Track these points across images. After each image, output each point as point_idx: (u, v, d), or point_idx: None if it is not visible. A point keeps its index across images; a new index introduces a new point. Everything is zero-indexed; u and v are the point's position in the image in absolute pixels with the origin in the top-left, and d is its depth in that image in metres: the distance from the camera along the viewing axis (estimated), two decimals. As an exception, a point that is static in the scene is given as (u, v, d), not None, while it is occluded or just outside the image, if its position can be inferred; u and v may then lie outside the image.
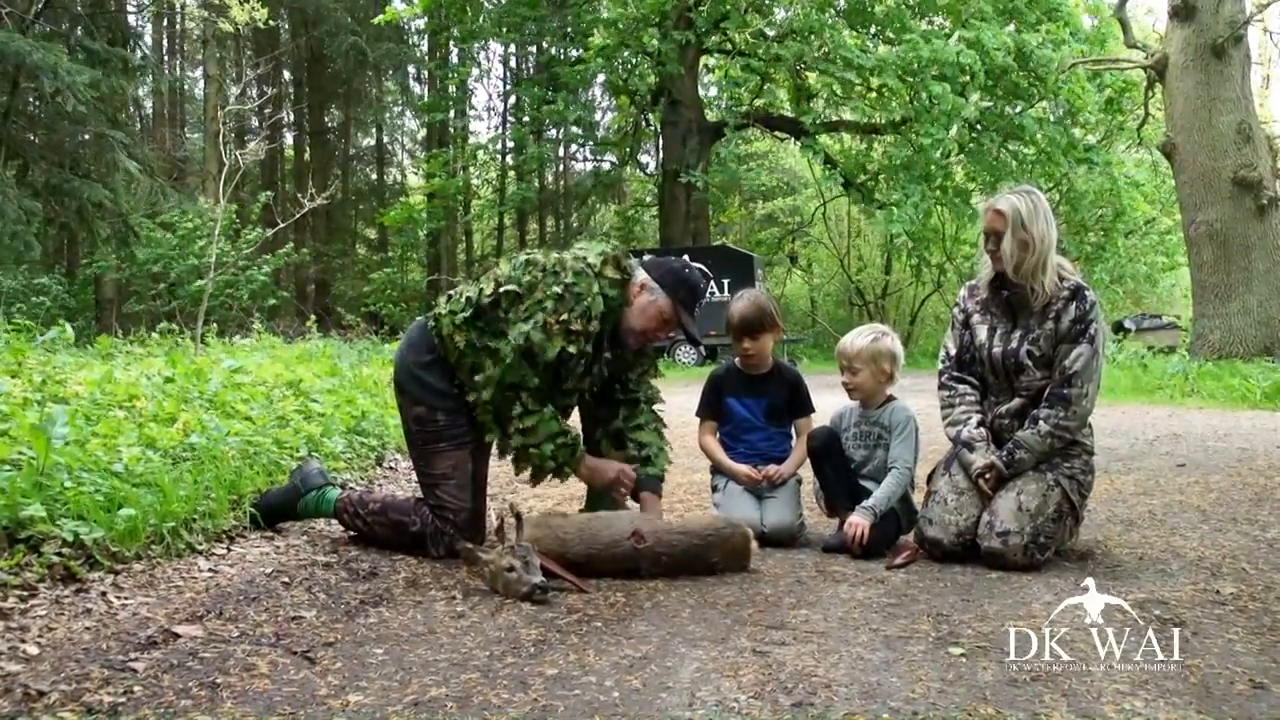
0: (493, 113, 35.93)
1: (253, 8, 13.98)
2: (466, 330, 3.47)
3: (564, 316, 3.35)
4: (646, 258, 3.68)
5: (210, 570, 3.26)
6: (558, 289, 3.37)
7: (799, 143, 23.62)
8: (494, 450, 3.64)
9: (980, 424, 3.61)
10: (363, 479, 5.25)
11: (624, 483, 3.59)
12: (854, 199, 24.84)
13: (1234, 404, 10.35)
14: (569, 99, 23.84)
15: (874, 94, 21.94)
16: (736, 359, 4.11)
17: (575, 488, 4.39)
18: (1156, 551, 3.67)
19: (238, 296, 17.75)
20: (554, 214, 35.06)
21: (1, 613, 2.59)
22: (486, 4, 25.24)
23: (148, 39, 26.58)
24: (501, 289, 3.45)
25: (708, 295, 18.65)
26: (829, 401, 4.25)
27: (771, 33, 21.75)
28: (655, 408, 3.85)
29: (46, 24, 16.07)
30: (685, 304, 3.58)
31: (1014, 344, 3.55)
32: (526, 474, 3.61)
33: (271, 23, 17.95)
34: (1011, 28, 20.31)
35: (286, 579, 3.18)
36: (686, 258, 3.78)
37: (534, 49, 29.27)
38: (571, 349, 3.38)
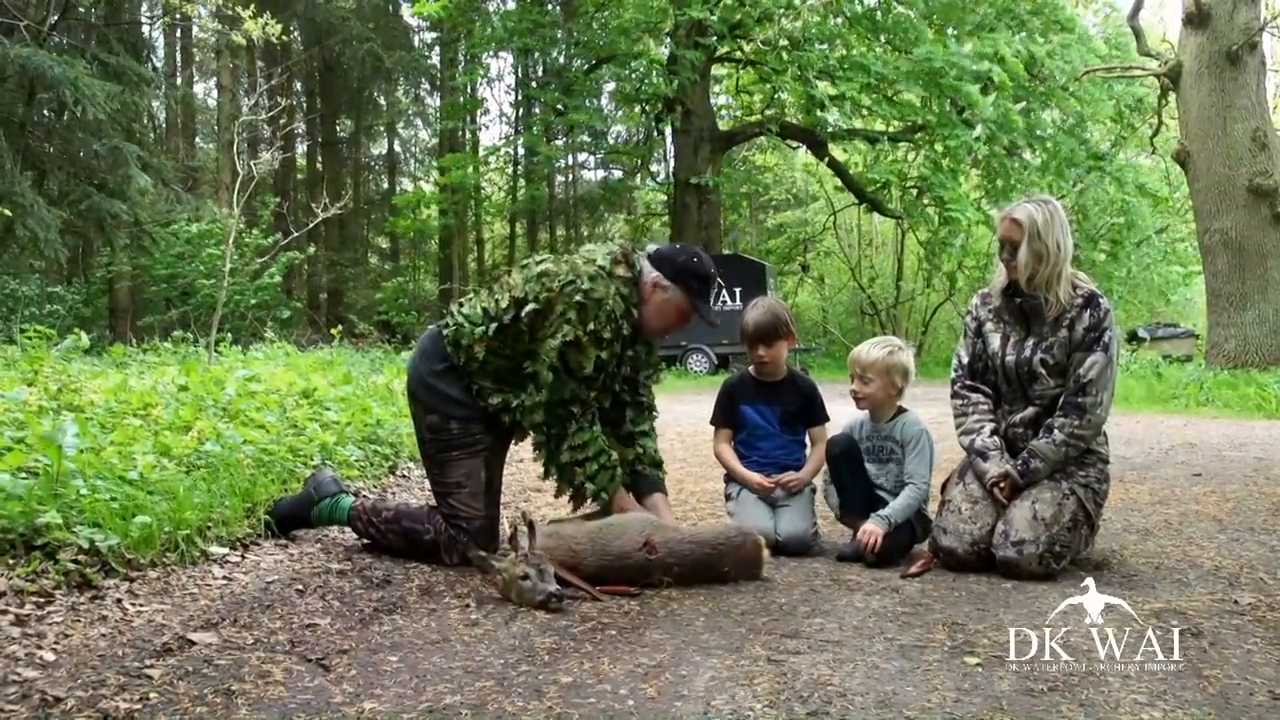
0: (503, 120, 36.11)
1: (265, 22, 14.02)
2: (488, 342, 3.49)
3: (591, 326, 3.38)
4: (651, 248, 3.70)
5: (225, 578, 3.26)
6: (578, 299, 3.38)
7: (809, 151, 23.60)
8: (509, 458, 3.64)
9: (994, 433, 3.59)
10: (376, 487, 5.26)
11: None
12: (877, 206, 24.76)
13: (1249, 413, 10.29)
14: (583, 106, 23.89)
15: (886, 102, 21.89)
16: (751, 367, 4.11)
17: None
18: (1173, 561, 3.65)
19: (247, 304, 17.83)
20: (565, 223, 35.12)
21: (18, 619, 2.60)
22: (493, 15, 25.30)
23: (160, 50, 26.75)
24: (523, 310, 3.46)
25: (721, 305, 18.73)
26: (841, 410, 4.24)
27: (784, 41, 21.75)
28: (654, 414, 3.90)
29: (62, 36, 16.17)
30: (700, 294, 3.61)
31: (1027, 352, 3.53)
32: (567, 495, 3.63)
33: (285, 37, 18.04)
34: (1020, 35, 20.29)
35: (301, 587, 3.18)
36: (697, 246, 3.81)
37: (544, 57, 29.32)
38: (604, 355, 3.42)
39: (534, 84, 29.35)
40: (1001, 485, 3.49)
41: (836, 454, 3.81)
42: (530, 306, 3.45)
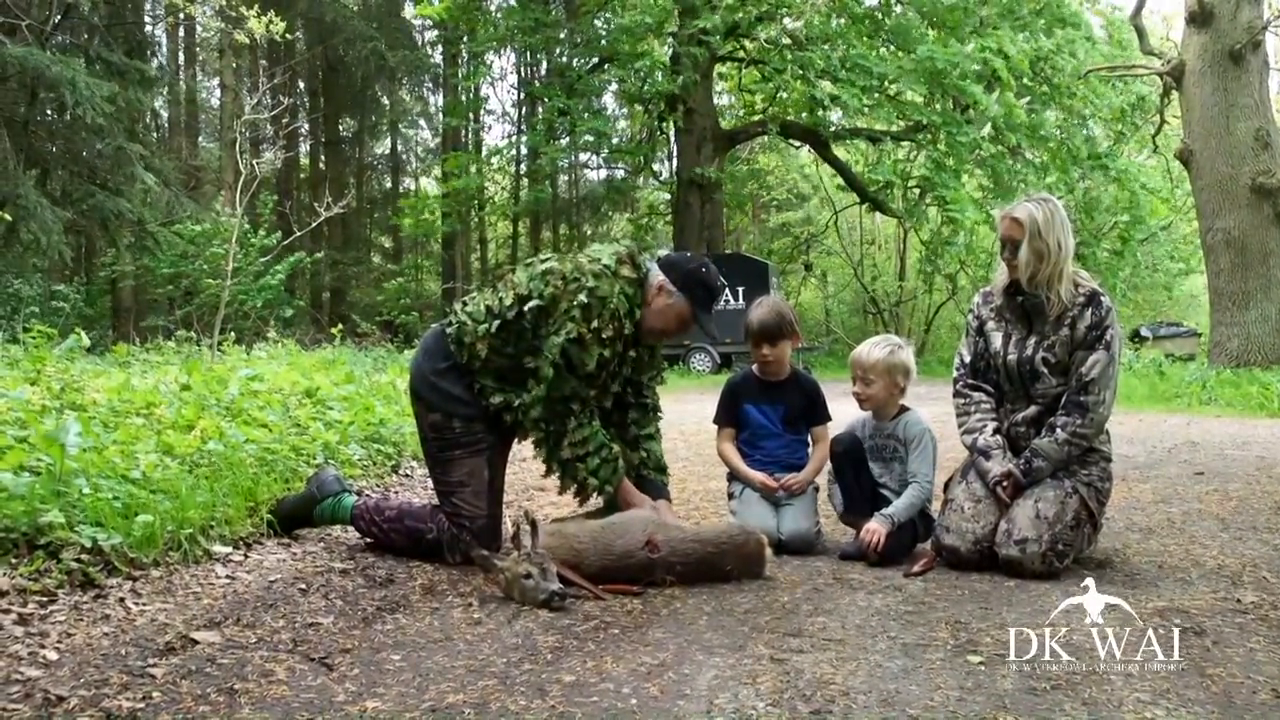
0: (506, 119, 36.07)
1: (270, 21, 14.05)
2: (490, 339, 3.49)
3: (595, 324, 3.38)
4: (662, 252, 3.70)
5: (228, 577, 3.27)
6: (583, 297, 3.38)
7: (811, 150, 23.56)
8: (511, 457, 3.64)
9: (996, 431, 3.59)
10: (379, 486, 5.26)
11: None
12: (877, 206, 24.75)
13: (1252, 412, 10.28)
14: (587, 106, 23.87)
15: (889, 101, 21.84)
16: (754, 365, 4.11)
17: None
18: (1176, 560, 3.65)
19: (253, 305, 17.85)
20: (567, 222, 35.12)
21: (21, 618, 2.60)
22: (496, 13, 25.29)
23: (164, 49, 26.75)
24: (526, 306, 3.46)
25: (723, 304, 18.72)
26: (843, 410, 4.24)
27: (787, 40, 21.73)
28: (659, 416, 3.90)
29: (65, 35, 16.18)
30: (703, 304, 3.61)
31: (1029, 351, 3.53)
32: (571, 492, 3.62)
33: (289, 35, 18.07)
34: (1024, 34, 20.27)
35: (303, 585, 3.18)
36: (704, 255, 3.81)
37: (546, 56, 29.31)
38: (607, 353, 3.42)
39: (537, 83, 29.35)
40: (1004, 484, 3.49)
41: (840, 453, 3.81)
42: (534, 303, 3.45)
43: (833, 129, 22.72)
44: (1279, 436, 7.92)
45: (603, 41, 23.72)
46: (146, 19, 23.85)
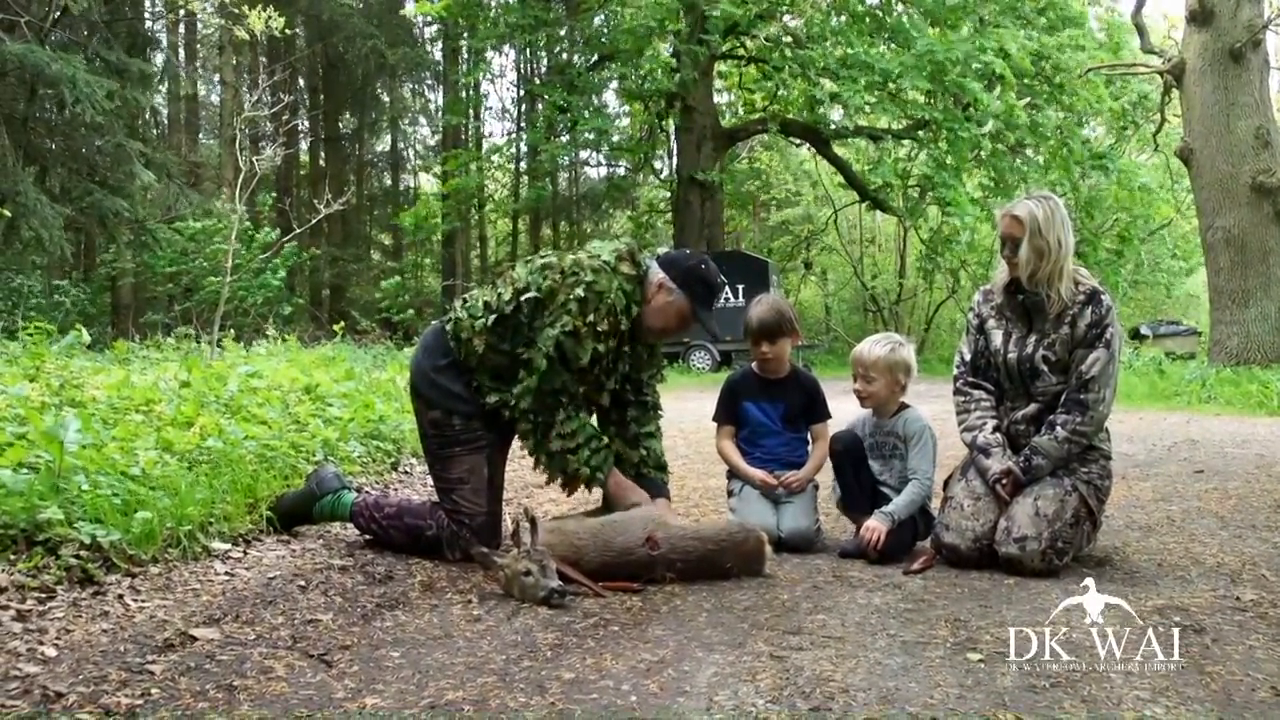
0: (506, 116, 36.06)
1: (269, 17, 14.04)
2: (487, 335, 3.48)
3: (590, 318, 3.37)
4: (661, 251, 3.71)
5: (227, 573, 3.27)
6: (580, 291, 3.38)
7: (811, 148, 23.54)
8: (510, 454, 3.64)
9: (996, 429, 3.59)
10: (379, 483, 5.26)
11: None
12: (875, 205, 24.74)
13: (1252, 410, 10.28)
14: (588, 104, 23.86)
15: (890, 99, 21.80)
16: (754, 363, 4.11)
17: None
18: (1175, 558, 3.65)
19: (253, 302, 17.83)
20: (568, 220, 35.13)
21: (20, 614, 2.60)
22: (496, 10, 25.26)
23: (163, 45, 26.72)
24: (522, 297, 3.46)
25: (723, 302, 18.73)
26: (843, 408, 4.24)
27: (788, 38, 21.71)
28: (659, 414, 3.89)
29: (64, 32, 16.16)
30: (703, 301, 3.60)
31: (1029, 349, 3.53)
32: (558, 483, 3.62)
33: (289, 31, 18.04)
34: (1024, 33, 20.27)
35: (303, 582, 3.18)
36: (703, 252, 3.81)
37: (546, 54, 29.29)
38: (601, 348, 3.42)
39: (537, 80, 29.33)
40: (1004, 482, 3.49)
41: (839, 450, 3.81)
42: (530, 294, 3.44)
43: (833, 127, 22.69)
44: (1278, 435, 7.92)
45: (603, 40, 23.70)
46: (146, 16, 23.84)
